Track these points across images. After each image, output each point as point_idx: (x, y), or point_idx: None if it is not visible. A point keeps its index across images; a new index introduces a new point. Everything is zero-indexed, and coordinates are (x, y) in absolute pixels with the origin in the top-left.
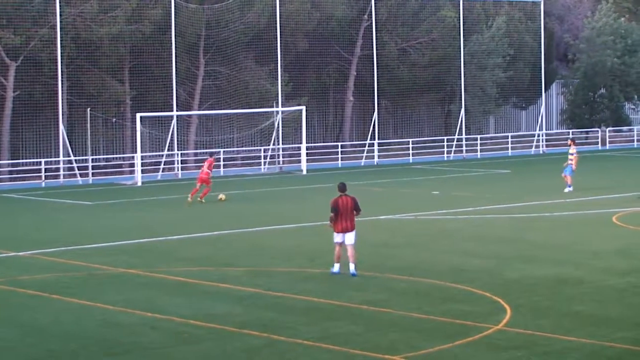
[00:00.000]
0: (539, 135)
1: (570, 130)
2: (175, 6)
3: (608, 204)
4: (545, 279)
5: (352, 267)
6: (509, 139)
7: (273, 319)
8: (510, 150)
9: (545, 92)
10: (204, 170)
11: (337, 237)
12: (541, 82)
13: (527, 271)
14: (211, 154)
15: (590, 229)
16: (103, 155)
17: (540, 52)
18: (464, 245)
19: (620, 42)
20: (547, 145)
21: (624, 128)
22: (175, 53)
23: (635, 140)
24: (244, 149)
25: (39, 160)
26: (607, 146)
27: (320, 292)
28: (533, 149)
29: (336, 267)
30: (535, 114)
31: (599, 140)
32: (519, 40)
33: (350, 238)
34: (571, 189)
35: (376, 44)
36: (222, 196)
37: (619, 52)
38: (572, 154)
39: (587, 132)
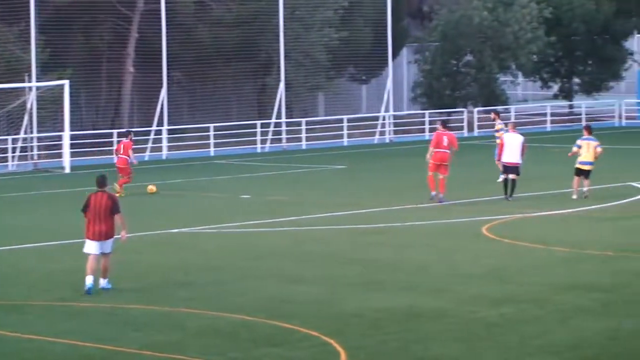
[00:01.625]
0: (384, 119)
1: (427, 112)
2: None
3: (477, 210)
4: (394, 312)
5: (102, 282)
6: (345, 124)
7: None
8: (346, 139)
9: (393, 59)
10: (120, 157)
11: (89, 246)
12: (388, 46)
13: (369, 301)
14: (127, 134)
15: (454, 244)
16: None
17: (387, 6)
18: (284, 267)
19: None
20: (395, 132)
21: (499, 107)
22: None
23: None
24: None
25: None
26: (476, 132)
27: (89, 333)
28: (377, 136)
29: (89, 281)
30: (380, 89)
31: (465, 124)
32: None
33: (104, 247)
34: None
35: None
36: (152, 187)
37: (490, 3)
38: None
39: (448, 114)
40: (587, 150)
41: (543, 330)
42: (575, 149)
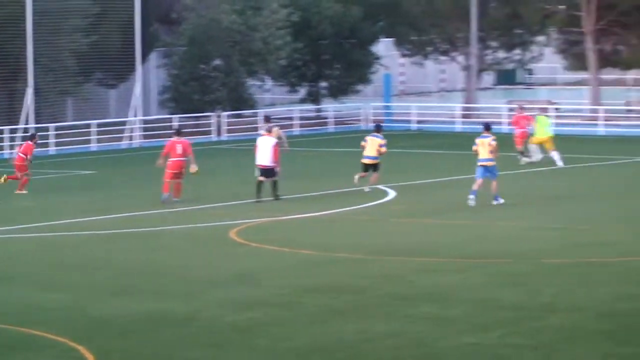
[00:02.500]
0: (133, 123)
1: (175, 116)
2: None
3: (226, 214)
4: (144, 317)
5: None
6: (93, 129)
7: None
8: (95, 144)
9: (142, 64)
10: (19, 155)
11: None
12: (136, 51)
13: (119, 307)
14: (32, 137)
15: (203, 248)
16: None
17: (135, 11)
18: (33, 273)
19: None
20: (144, 137)
21: (247, 112)
22: None
23: (261, 128)
24: None
25: None
26: (224, 136)
27: None
28: (125, 141)
29: None
30: (129, 94)
31: (215, 128)
32: None
33: None
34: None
35: None
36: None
37: (238, 6)
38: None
39: (197, 118)
40: (371, 145)
41: (292, 332)
42: (363, 143)
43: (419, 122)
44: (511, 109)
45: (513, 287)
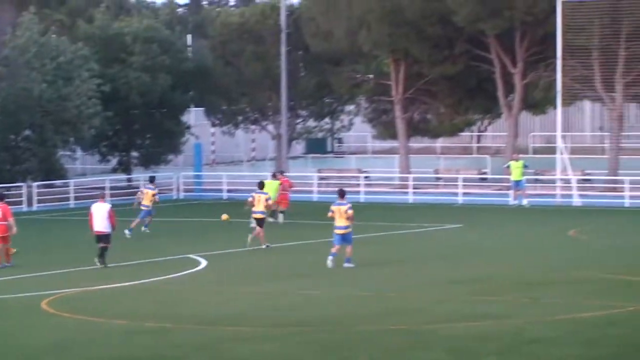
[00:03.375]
0: None
1: None
2: None
3: (40, 284)
4: None
5: None
6: None
7: None
8: None
9: None
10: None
11: None
12: None
13: None
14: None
15: (12, 319)
16: None
17: None
18: None
19: (51, 63)
20: None
21: (58, 182)
22: None
23: (72, 198)
24: None
25: None
26: (35, 206)
27: None
28: None
29: None
30: None
31: (26, 198)
32: None
33: None
34: None
35: None
36: (225, 216)
37: (49, 76)
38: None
39: (7, 189)
40: (258, 201)
41: None
42: (250, 199)
43: (229, 191)
44: (322, 178)
45: (327, 355)
